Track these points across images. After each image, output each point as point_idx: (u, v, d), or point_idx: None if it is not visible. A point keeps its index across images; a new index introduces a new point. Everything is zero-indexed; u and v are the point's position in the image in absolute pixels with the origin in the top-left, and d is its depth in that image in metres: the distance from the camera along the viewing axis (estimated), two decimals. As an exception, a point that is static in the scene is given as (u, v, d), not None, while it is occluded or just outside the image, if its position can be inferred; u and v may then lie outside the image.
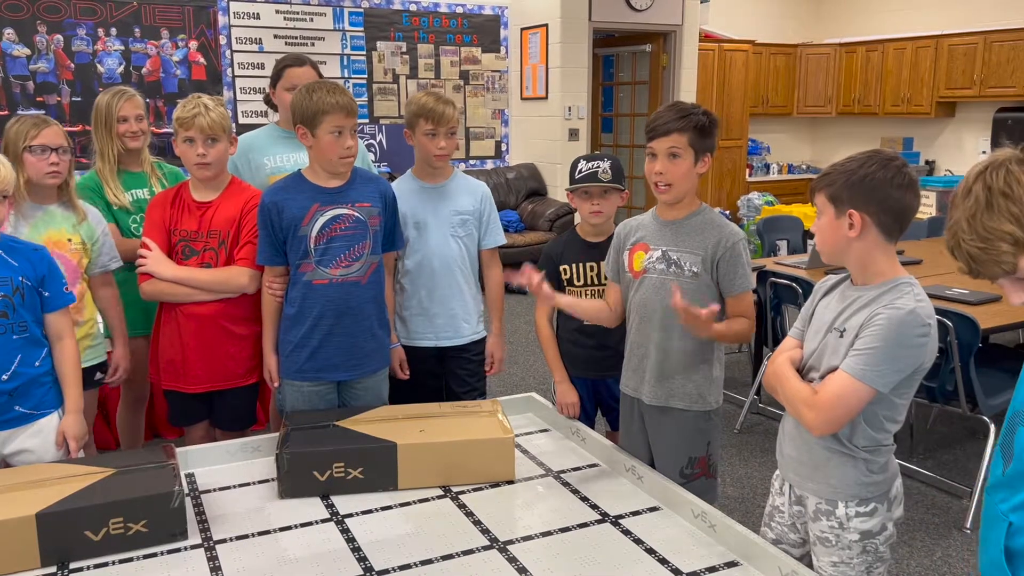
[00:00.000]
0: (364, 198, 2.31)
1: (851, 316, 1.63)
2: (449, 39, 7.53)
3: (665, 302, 2.04)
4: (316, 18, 6.93)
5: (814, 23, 9.50)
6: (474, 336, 2.66)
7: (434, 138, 2.48)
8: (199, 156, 2.33)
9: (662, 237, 2.10)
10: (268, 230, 2.29)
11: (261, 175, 2.72)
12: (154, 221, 2.41)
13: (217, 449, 2.19)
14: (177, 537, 1.75)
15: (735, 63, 8.64)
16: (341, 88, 2.27)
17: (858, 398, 1.58)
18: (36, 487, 1.73)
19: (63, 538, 1.65)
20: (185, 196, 2.43)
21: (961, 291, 3.43)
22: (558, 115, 7.35)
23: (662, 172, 2.01)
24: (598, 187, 2.34)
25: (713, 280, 2.06)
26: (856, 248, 1.63)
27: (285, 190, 2.30)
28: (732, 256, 2.03)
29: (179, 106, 2.38)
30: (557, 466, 2.15)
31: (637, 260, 2.13)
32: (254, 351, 2.49)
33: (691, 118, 1.99)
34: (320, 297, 2.28)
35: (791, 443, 1.78)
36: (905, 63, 8.31)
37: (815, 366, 1.71)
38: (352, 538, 1.78)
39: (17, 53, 5.97)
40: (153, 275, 2.37)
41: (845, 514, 1.68)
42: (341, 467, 1.97)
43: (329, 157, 2.24)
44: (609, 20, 7.39)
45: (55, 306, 2.11)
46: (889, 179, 1.59)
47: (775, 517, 1.86)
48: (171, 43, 6.45)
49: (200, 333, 2.40)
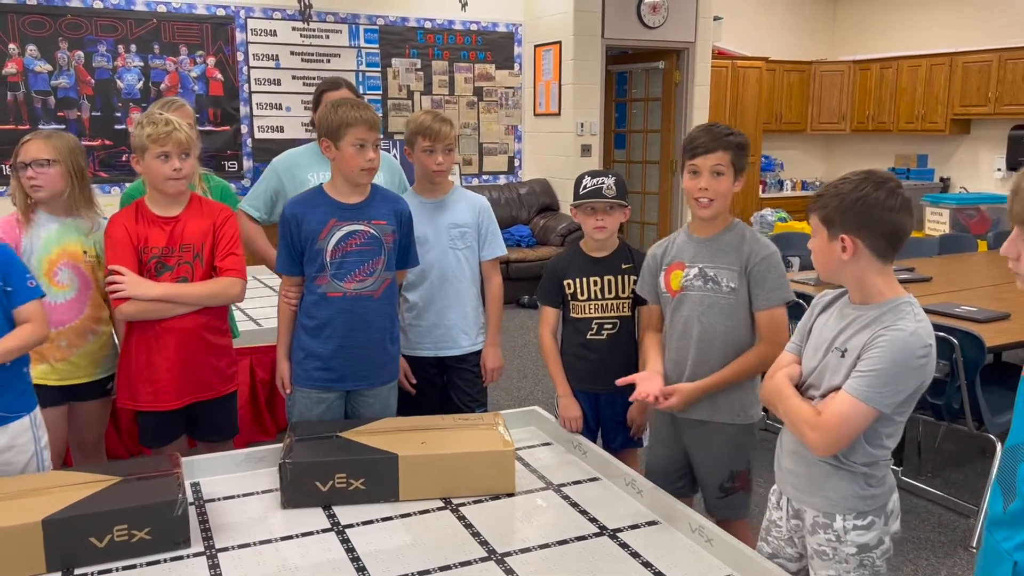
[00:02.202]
0: (380, 216, 2.36)
1: (852, 336, 1.64)
2: (463, 56, 7.61)
3: (704, 319, 2.13)
4: (332, 35, 7.03)
5: (828, 40, 9.51)
6: (473, 348, 2.71)
7: (432, 154, 2.57)
8: (175, 171, 2.32)
9: (698, 254, 2.16)
10: (287, 240, 2.35)
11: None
12: (119, 241, 2.33)
13: (223, 459, 2.22)
14: (180, 545, 1.78)
15: (748, 80, 8.65)
16: (365, 104, 2.35)
17: (862, 419, 1.60)
18: (42, 494, 1.77)
19: (68, 544, 1.68)
20: (147, 212, 2.38)
21: (969, 309, 3.42)
22: (571, 131, 7.39)
23: (706, 188, 2.08)
24: (603, 203, 2.37)
25: (748, 295, 2.11)
26: (850, 270, 1.65)
27: (305, 203, 2.36)
28: (762, 269, 2.08)
29: (146, 124, 2.33)
30: (558, 479, 2.17)
31: (675, 279, 2.18)
32: (231, 359, 2.54)
33: (732, 137, 2.09)
34: (334, 309, 2.33)
35: (789, 458, 1.79)
36: (920, 80, 8.30)
37: (815, 384, 1.72)
38: (352, 548, 1.80)
39: (39, 69, 6.08)
40: (135, 298, 2.29)
41: (843, 527, 1.69)
42: (343, 478, 2.00)
43: (351, 169, 2.29)
44: (622, 37, 7.44)
45: (21, 300, 2.07)
46: (882, 201, 1.60)
47: (772, 531, 1.86)
48: (189, 59, 6.55)
49: (181, 347, 2.37)
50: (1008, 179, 7.87)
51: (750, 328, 2.14)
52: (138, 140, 2.35)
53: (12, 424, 2.09)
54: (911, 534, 3.07)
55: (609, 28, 7.32)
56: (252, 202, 2.96)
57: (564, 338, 2.52)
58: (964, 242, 5.57)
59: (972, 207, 7.01)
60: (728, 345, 2.13)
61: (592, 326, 2.44)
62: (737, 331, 2.13)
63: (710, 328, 2.12)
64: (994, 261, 4.96)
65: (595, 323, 2.44)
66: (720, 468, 2.18)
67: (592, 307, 2.44)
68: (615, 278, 2.43)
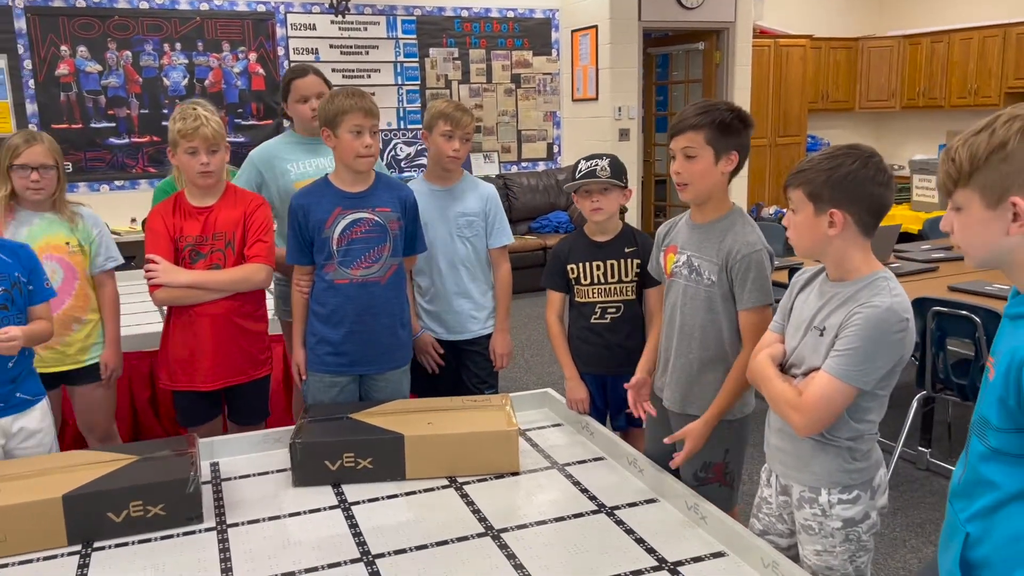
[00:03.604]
0: (385, 203, 2.42)
1: (830, 314, 1.64)
2: (500, 43, 7.63)
3: (685, 309, 2.06)
4: (370, 27, 7.12)
5: (875, 15, 9.26)
6: (482, 332, 2.76)
7: (450, 140, 2.62)
8: (203, 165, 2.44)
9: (689, 241, 2.09)
10: (296, 231, 2.42)
11: (286, 181, 2.84)
12: (157, 232, 2.49)
13: (241, 440, 2.32)
14: (193, 520, 1.87)
15: (792, 58, 8.49)
16: (361, 92, 2.39)
17: (842, 398, 1.59)
18: (64, 472, 1.87)
19: (87, 519, 1.78)
20: (184, 204, 2.52)
21: (1002, 287, 3.34)
22: (608, 115, 7.36)
23: (679, 172, 2.00)
24: (597, 184, 2.38)
25: (730, 291, 2.01)
26: (835, 245, 1.63)
27: (311, 194, 2.43)
28: (742, 268, 1.96)
29: (176, 119, 2.46)
30: (564, 459, 2.20)
31: (669, 262, 2.14)
32: (264, 344, 2.63)
33: (710, 114, 1.94)
34: (342, 296, 2.40)
35: (776, 435, 1.79)
36: (972, 54, 8.03)
37: (796, 363, 1.72)
38: (355, 524, 1.87)
39: (90, 69, 6.31)
40: (166, 285, 2.44)
41: (828, 501, 1.69)
42: (351, 457, 2.07)
43: (349, 155, 2.36)
44: (659, 19, 7.37)
45: (40, 299, 2.26)
46: (871, 177, 1.59)
47: (763, 508, 1.87)
48: (232, 55, 6.72)
49: (215, 331, 2.50)
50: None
51: (730, 324, 2.02)
52: (171, 135, 2.48)
53: (36, 407, 2.25)
54: (940, 514, 3.02)
55: (646, 10, 7.26)
56: None
57: (570, 322, 2.55)
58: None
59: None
60: (707, 339, 2.04)
61: (596, 310, 2.46)
62: (715, 325, 2.03)
63: (690, 319, 2.05)
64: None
65: (599, 307, 2.46)
66: (694, 458, 2.05)
67: (595, 291, 2.46)
68: (618, 262, 2.44)
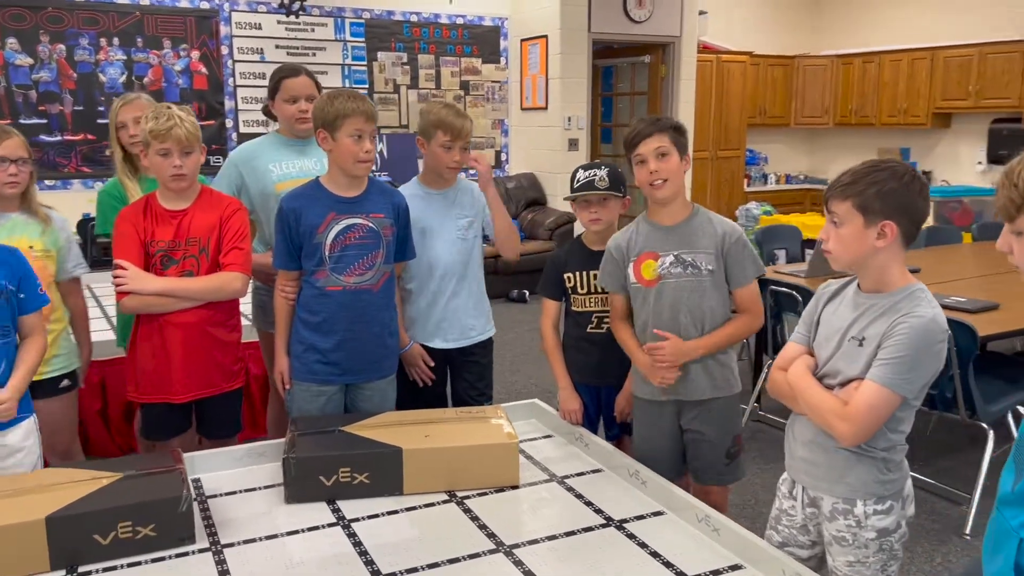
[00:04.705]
0: (378, 209, 2.35)
1: (868, 325, 1.66)
2: (450, 50, 7.58)
3: (690, 302, 2.20)
4: (318, 28, 6.98)
5: (811, 35, 9.56)
6: (481, 337, 2.69)
7: (449, 151, 2.52)
8: (175, 168, 2.31)
9: (668, 242, 2.22)
10: (285, 235, 2.33)
11: (267, 182, 2.74)
12: (126, 235, 2.34)
13: (222, 454, 2.21)
14: (185, 541, 1.76)
15: (733, 74, 8.70)
16: (361, 95, 2.32)
17: (888, 406, 1.62)
18: (45, 491, 1.74)
19: (72, 541, 1.66)
20: (156, 207, 2.38)
21: (959, 299, 3.46)
22: (558, 125, 7.39)
23: (656, 170, 2.15)
24: (596, 194, 2.38)
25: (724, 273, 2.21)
26: (879, 257, 1.66)
27: (303, 197, 2.34)
28: (738, 249, 2.20)
29: (149, 118, 2.33)
30: (561, 471, 2.17)
31: (647, 269, 2.22)
32: (237, 356, 2.51)
33: (665, 120, 2.19)
34: (333, 303, 2.32)
35: (805, 447, 1.79)
36: (901, 74, 8.37)
37: (830, 374, 1.73)
38: (359, 542, 1.79)
39: (20, 62, 6.00)
40: (136, 292, 2.29)
41: (863, 512, 1.70)
42: (347, 472, 1.99)
43: (348, 160, 2.28)
44: (608, 32, 7.44)
45: (31, 308, 2.12)
46: (917, 190, 1.64)
47: (782, 520, 1.87)
48: (173, 53, 6.49)
49: (187, 341, 2.37)
50: (989, 172, 7.97)
51: (728, 305, 2.25)
52: (143, 135, 2.34)
53: (22, 424, 2.11)
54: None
55: (595, 22, 7.32)
56: None
57: (565, 331, 2.53)
58: (949, 234, 5.63)
59: (955, 200, 7.09)
60: (716, 324, 2.22)
61: (592, 319, 2.44)
62: (722, 308, 2.23)
63: (698, 310, 2.20)
64: (979, 253, 5.01)
65: (595, 316, 2.44)
66: (725, 437, 2.28)
67: (592, 300, 2.44)
68: (614, 271, 2.43)
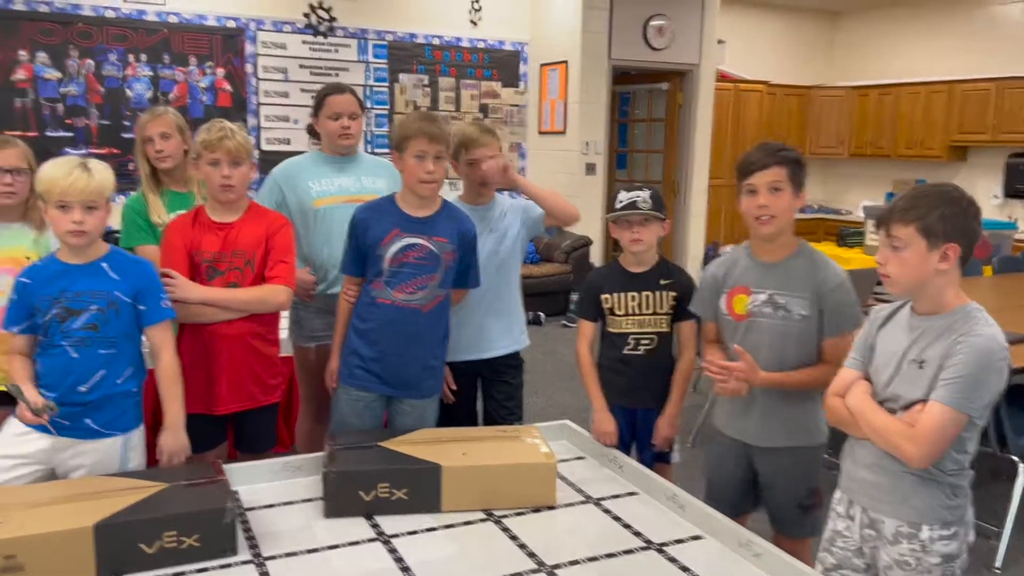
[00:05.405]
0: (443, 233, 2.38)
1: (927, 347, 1.68)
2: (470, 73, 7.65)
3: (776, 347, 2.11)
4: (341, 49, 7.06)
5: (827, 66, 9.64)
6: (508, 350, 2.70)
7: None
8: (224, 178, 2.35)
9: (765, 280, 2.14)
10: (354, 242, 2.40)
11: (306, 198, 2.78)
12: (174, 246, 2.39)
13: (259, 467, 2.21)
14: (227, 552, 1.76)
15: (749, 103, 8.75)
16: (432, 117, 2.38)
17: (955, 427, 1.63)
18: (93, 499, 1.75)
19: (118, 550, 1.67)
20: (204, 219, 2.43)
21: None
22: (575, 149, 7.43)
23: (766, 204, 2.06)
24: (638, 216, 2.39)
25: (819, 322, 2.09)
26: (941, 280, 1.68)
27: (375, 210, 2.41)
28: (837, 297, 2.07)
29: (203, 129, 2.40)
30: (596, 493, 2.16)
31: (739, 303, 2.17)
32: (276, 370, 2.53)
33: (786, 153, 2.08)
34: (380, 315, 2.37)
35: (868, 470, 1.80)
36: (918, 107, 8.42)
37: (891, 398, 1.74)
38: (400, 558, 1.79)
39: (48, 76, 6.07)
40: (183, 300, 2.31)
41: (929, 537, 1.71)
42: (386, 487, 1.99)
43: (411, 179, 2.34)
44: (628, 58, 7.51)
45: (151, 320, 2.14)
46: (974, 214, 1.67)
47: (836, 542, 1.87)
48: (199, 70, 6.56)
49: (230, 353, 2.39)
50: (1006, 206, 7.99)
51: (815, 356, 2.11)
52: (195, 146, 2.40)
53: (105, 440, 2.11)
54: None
55: (616, 49, 7.39)
56: None
57: (601, 352, 2.53)
58: (970, 267, 5.63)
59: (972, 233, 7.08)
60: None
61: (629, 341, 2.45)
62: (808, 359, 2.11)
63: (781, 356, 2.10)
64: (999, 285, 5.02)
65: (632, 338, 2.45)
66: (797, 487, 2.18)
67: (629, 322, 2.45)
68: (653, 294, 2.43)
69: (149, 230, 2.76)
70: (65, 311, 2.04)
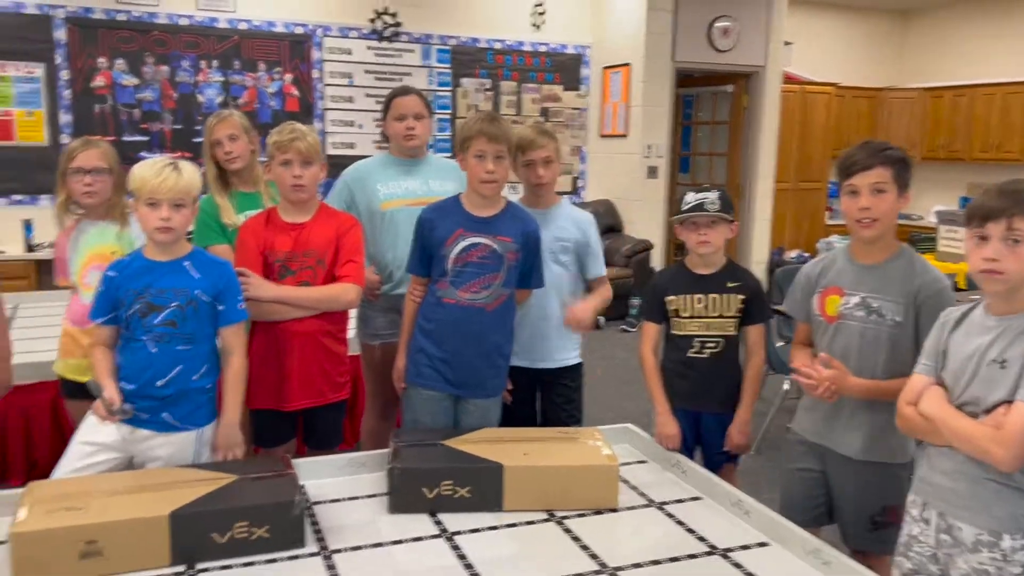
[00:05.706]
0: (507, 233, 2.40)
1: (1008, 346, 1.63)
2: (531, 76, 7.67)
3: (864, 351, 2.05)
4: (405, 54, 7.15)
5: (898, 67, 9.39)
6: (566, 362, 2.70)
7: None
8: (295, 177, 2.41)
9: (860, 282, 2.08)
10: (420, 242, 2.44)
11: (374, 200, 2.83)
12: (248, 246, 2.46)
13: (324, 463, 2.25)
14: (295, 544, 1.80)
15: (817, 105, 8.57)
16: (493, 116, 2.40)
17: None
18: (167, 488, 1.81)
19: (192, 538, 1.71)
20: (276, 220, 2.49)
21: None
22: (637, 152, 7.39)
23: (868, 207, 1.99)
24: (705, 218, 2.36)
25: (916, 329, 2.00)
26: None
27: (440, 210, 2.45)
28: (935, 303, 1.95)
29: (275, 131, 2.48)
30: (659, 497, 2.14)
31: (831, 304, 2.12)
32: (345, 367, 2.57)
33: (890, 152, 1.99)
34: (445, 314, 2.39)
35: (947, 476, 1.74)
36: (995, 109, 8.15)
37: (971, 401, 1.69)
38: (463, 555, 1.80)
39: (126, 83, 6.30)
40: (256, 298, 2.37)
41: (1011, 547, 1.65)
42: (449, 485, 2.00)
43: (473, 179, 2.38)
44: (692, 60, 7.43)
45: (227, 320, 2.21)
46: None
47: (912, 547, 1.82)
48: (267, 75, 6.73)
49: (301, 350, 2.45)
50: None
51: (910, 364, 1.93)
52: (268, 148, 2.47)
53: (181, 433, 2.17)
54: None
55: (680, 51, 7.32)
56: None
57: (665, 355, 2.51)
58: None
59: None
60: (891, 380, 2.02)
61: (694, 344, 2.42)
62: (898, 367, 2.01)
63: (869, 361, 2.04)
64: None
65: (697, 341, 2.42)
66: (871, 501, 2.10)
67: (695, 325, 2.42)
68: (720, 296, 2.41)
69: (220, 231, 2.84)
70: (147, 306, 2.11)
